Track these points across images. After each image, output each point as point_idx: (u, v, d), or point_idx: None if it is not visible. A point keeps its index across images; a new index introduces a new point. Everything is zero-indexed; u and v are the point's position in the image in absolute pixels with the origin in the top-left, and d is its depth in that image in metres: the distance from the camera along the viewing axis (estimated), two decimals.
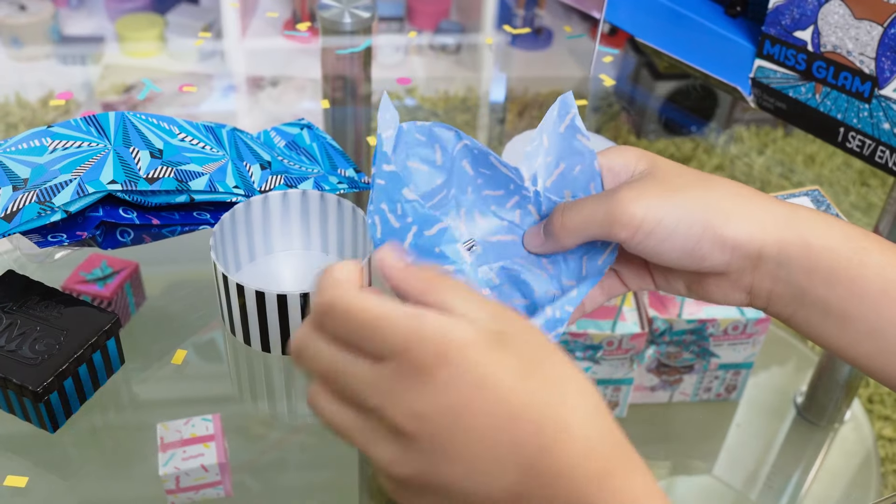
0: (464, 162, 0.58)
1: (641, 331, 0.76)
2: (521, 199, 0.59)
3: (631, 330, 0.76)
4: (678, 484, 0.75)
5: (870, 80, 0.72)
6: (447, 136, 0.58)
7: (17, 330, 0.65)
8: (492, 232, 0.59)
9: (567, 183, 0.59)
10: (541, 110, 1.08)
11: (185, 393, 0.72)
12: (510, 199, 0.59)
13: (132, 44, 1.42)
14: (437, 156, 0.58)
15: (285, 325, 0.66)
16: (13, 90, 1.30)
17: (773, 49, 0.79)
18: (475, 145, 0.58)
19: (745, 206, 0.50)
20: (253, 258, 0.75)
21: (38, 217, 0.65)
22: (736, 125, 1.17)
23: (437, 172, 0.58)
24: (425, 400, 0.38)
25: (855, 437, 0.81)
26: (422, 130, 0.58)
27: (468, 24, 1.51)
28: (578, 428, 0.39)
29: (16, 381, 0.62)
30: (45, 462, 0.65)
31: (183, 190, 0.70)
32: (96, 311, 0.67)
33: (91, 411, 0.67)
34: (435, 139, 0.58)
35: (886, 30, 0.70)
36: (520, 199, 0.59)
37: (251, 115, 1.13)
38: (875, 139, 0.74)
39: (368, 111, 1.07)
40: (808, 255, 0.49)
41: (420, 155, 0.58)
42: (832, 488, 0.76)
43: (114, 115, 0.72)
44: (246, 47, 1.48)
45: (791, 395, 0.82)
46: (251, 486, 0.66)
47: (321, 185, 0.77)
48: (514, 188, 0.58)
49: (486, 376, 0.38)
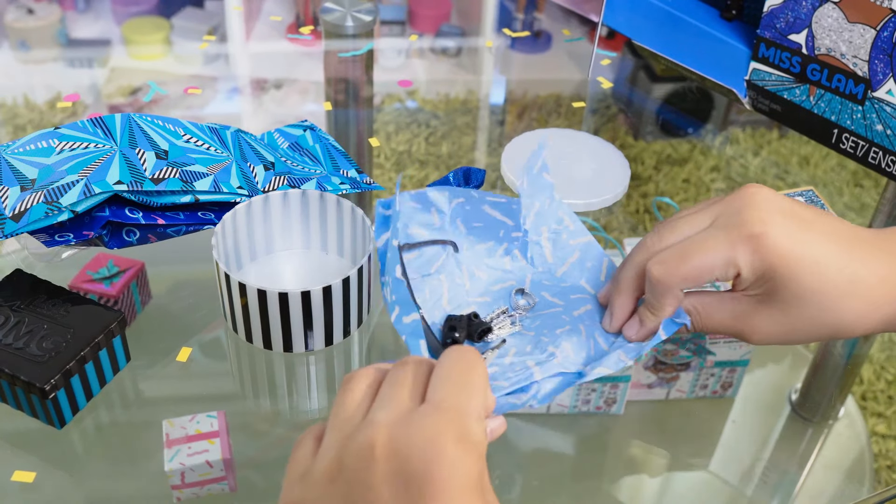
0: (458, 221, 0.62)
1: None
2: (510, 244, 0.64)
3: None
4: (675, 479, 0.75)
5: (863, 82, 0.73)
6: (441, 198, 0.61)
7: (24, 328, 0.65)
8: (491, 283, 0.63)
9: (541, 220, 0.64)
10: (540, 112, 1.08)
11: (190, 390, 0.72)
12: (499, 248, 0.63)
13: (138, 47, 1.42)
14: (435, 218, 0.61)
15: (286, 323, 0.66)
16: (21, 92, 1.30)
17: (768, 52, 0.79)
18: (469, 200, 0.61)
19: (868, 274, 0.52)
20: (254, 257, 0.75)
21: (46, 217, 0.65)
22: (732, 127, 1.18)
23: (434, 233, 0.61)
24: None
25: (849, 433, 0.81)
26: (415, 198, 0.61)
27: (468, 28, 1.51)
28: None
29: (23, 378, 0.62)
30: (52, 458, 0.66)
31: (188, 190, 0.71)
32: (103, 309, 0.68)
33: (97, 408, 0.68)
34: (430, 203, 0.61)
35: (879, 33, 0.70)
36: (508, 246, 0.64)
37: (255, 116, 1.14)
38: (868, 140, 0.74)
39: (370, 113, 1.07)
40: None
41: (419, 220, 0.61)
42: (826, 483, 0.77)
43: (120, 117, 0.73)
44: (250, 50, 1.48)
45: (786, 393, 0.83)
46: (255, 482, 0.66)
47: (324, 185, 0.78)
48: (504, 234, 0.62)
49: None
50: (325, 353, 0.71)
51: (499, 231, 0.63)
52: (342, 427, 0.43)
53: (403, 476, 0.40)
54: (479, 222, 0.62)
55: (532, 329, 0.60)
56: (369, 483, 0.40)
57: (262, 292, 0.65)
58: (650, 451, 0.77)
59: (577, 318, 0.61)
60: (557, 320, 0.60)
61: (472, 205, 0.62)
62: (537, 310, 0.62)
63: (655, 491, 0.74)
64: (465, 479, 0.40)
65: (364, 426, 0.42)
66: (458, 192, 0.62)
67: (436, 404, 0.42)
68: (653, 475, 0.75)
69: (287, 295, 0.64)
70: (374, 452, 0.41)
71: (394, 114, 1.21)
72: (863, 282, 0.52)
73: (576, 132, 0.87)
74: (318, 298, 0.65)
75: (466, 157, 1.13)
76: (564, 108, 1.09)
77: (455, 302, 0.61)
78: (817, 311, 0.52)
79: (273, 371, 0.72)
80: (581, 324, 0.60)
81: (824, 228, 0.53)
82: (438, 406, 0.42)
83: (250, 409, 0.72)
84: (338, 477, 0.42)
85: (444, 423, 0.41)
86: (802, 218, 0.53)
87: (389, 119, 1.20)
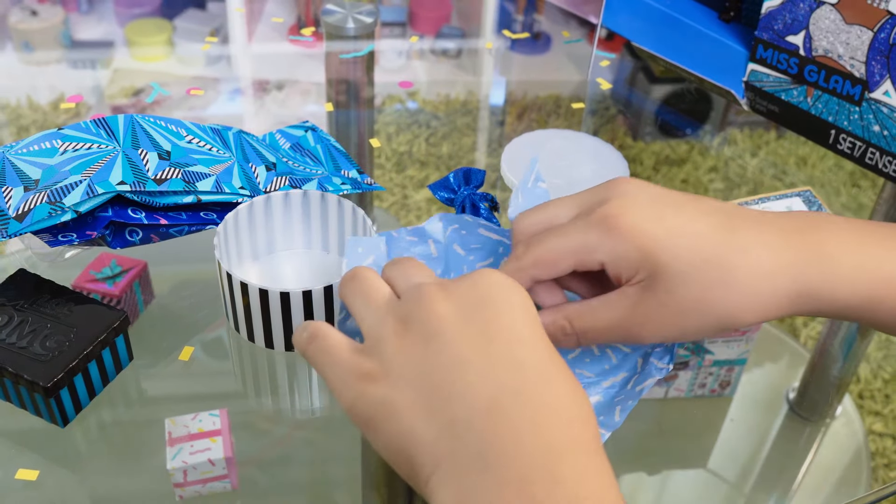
0: (454, 245, 0.62)
1: None
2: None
3: None
4: (673, 477, 0.76)
5: (860, 83, 0.73)
6: (437, 227, 0.61)
7: (28, 327, 0.66)
8: None
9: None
10: (539, 113, 1.09)
11: (192, 389, 0.72)
12: (501, 263, 0.63)
13: (141, 48, 1.43)
14: (432, 248, 0.62)
15: (288, 322, 0.67)
16: (25, 93, 1.31)
17: (766, 53, 0.79)
18: (463, 225, 0.61)
19: (774, 270, 0.50)
20: (256, 257, 0.76)
21: (49, 217, 0.65)
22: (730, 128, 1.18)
23: (435, 263, 0.61)
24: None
25: (846, 431, 0.81)
26: (412, 232, 0.61)
27: (469, 30, 1.52)
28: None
29: (27, 377, 0.62)
30: (55, 456, 0.66)
31: (190, 191, 0.71)
32: (105, 308, 0.68)
33: (100, 407, 0.68)
34: (426, 235, 0.61)
35: (876, 34, 0.70)
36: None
37: (257, 117, 1.14)
38: (865, 141, 0.74)
39: (371, 114, 1.07)
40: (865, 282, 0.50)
41: (415, 253, 0.61)
42: (823, 482, 0.77)
43: (123, 118, 0.73)
44: (252, 52, 1.49)
45: (783, 392, 0.83)
46: (257, 480, 0.66)
47: (325, 185, 0.78)
48: (503, 251, 0.62)
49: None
50: None
51: (498, 248, 0.63)
52: (387, 298, 0.48)
53: (470, 301, 0.45)
54: (477, 244, 0.63)
55: None
56: (439, 313, 0.44)
57: (263, 292, 0.65)
58: (648, 449, 0.77)
59: None
60: None
61: (468, 229, 0.62)
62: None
63: (654, 489, 0.75)
64: (522, 299, 0.45)
65: (413, 287, 0.47)
66: (452, 219, 0.62)
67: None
68: (651, 473, 0.75)
69: (289, 294, 0.65)
70: (431, 291, 0.45)
71: (394, 115, 1.21)
72: (748, 252, 0.49)
73: (575, 133, 0.87)
74: (320, 298, 0.66)
75: (467, 157, 1.13)
76: (564, 109, 1.09)
77: None
78: (703, 290, 0.49)
79: (275, 370, 0.72)
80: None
81: (700, 207, 0.50)
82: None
83: (252, 407, 0.72)
84: (407, 329, 0.45)
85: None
86: (675, 200, 0.51)
87: (390, 120, 1.21)
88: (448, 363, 0.43)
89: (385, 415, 0.43)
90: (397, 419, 0.42)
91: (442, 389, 0.42)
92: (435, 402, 0.42)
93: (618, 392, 0.56)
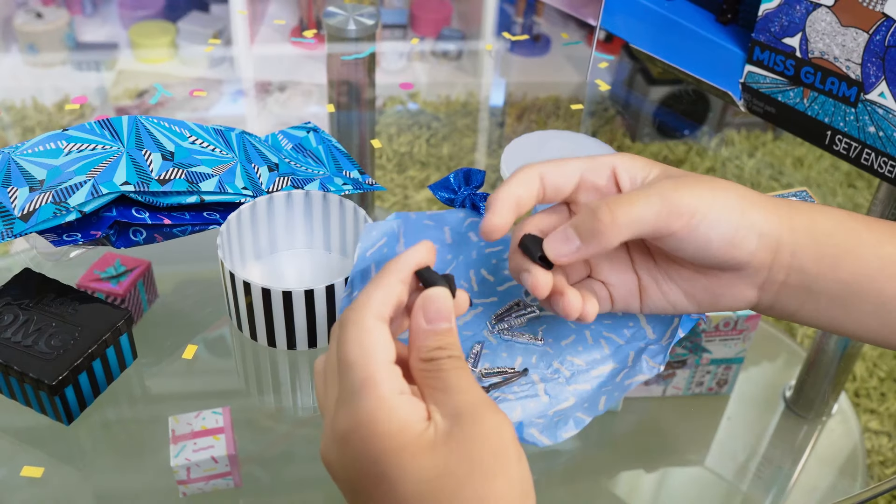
0: (469, 234, 0.63)
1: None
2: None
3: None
4: (671, 474, 0.76)
5: (856, 85, 0.73)
6: (456, 217, 0.63)
7: (33, 326, 0.66)
8: (498, 283, 0.63)
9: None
10: (539, 114, 1.09)
11: (196, 387, 0.72)
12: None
13: (145, 50, 1.44)
14: (447, 235, 0.63)
15: (290, 321, 0.67)
16: (30, 95, 1.32)
17: (763, 55, 0.80)
18: (480, 219, 0.63)
19: (760, 197, 0.51)
20: (259, 256, 0.76)
21: (54, 217, 0.66)
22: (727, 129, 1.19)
23: (446, 249, 0.62)
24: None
25: (842, 429, 0.82)
26: (432, 217, 0.62)
27: (469, 32, 1.53)
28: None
29: (32, 375, 0.63)
30: (60, 453, 0.66)
31: (193, 191, 0.71)
32: (110, 307, 0.68)
33: (105, 404, 0.68)
34: (444, 222, 0.63)
35: (871, 36, 0.70)
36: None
37: (259, 118, 1.14)
38: (861, 142, 0.75)
39: (372, 115, 1.08)
40: (815, 242, 0.50)
41: (429, 237, 0.62)
42: (820, 479, 0.77)
43: (127, 119, 0.74)
44: (254, 54, 1.49)
45: (780, 390, 0.84)
46: (259, 477, 0.66)
47: (327, 186, 0.78)
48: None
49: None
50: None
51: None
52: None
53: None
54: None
55: (537, 333, 0.61)
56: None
57: (266, 291, 0.65)
58: (647, 447, 0.77)
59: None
60: (563, 327, 0.61)
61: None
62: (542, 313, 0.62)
63: (652, 486, 0.75)
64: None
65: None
66: (471, 213, 0.64)
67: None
68: (649, 471, 0.76)
69: (291, 293, 0.65)
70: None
71: (395, 116, 1.22)
72: (746, 192, 0.50)
73: (574, 134, 0.88)
74: (322, 297, 0.66)
75: (467, 158, 1.13)
76: (563, 110, 1.10)
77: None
78: (713, 184, 0.50)
79: (277, 368, 0.73)
80: (586, 329, 0.60)
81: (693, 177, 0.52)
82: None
83: (255, 405, 0.73)
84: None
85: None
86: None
87: (391, 121, 1.21)
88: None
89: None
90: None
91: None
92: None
93: (605, 382, 0.57)
